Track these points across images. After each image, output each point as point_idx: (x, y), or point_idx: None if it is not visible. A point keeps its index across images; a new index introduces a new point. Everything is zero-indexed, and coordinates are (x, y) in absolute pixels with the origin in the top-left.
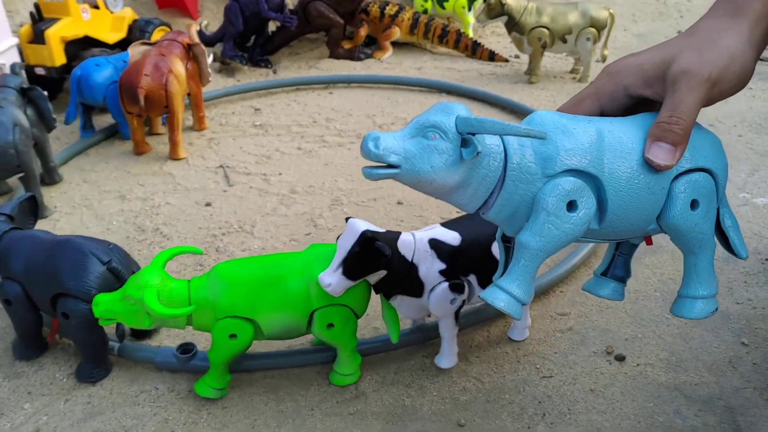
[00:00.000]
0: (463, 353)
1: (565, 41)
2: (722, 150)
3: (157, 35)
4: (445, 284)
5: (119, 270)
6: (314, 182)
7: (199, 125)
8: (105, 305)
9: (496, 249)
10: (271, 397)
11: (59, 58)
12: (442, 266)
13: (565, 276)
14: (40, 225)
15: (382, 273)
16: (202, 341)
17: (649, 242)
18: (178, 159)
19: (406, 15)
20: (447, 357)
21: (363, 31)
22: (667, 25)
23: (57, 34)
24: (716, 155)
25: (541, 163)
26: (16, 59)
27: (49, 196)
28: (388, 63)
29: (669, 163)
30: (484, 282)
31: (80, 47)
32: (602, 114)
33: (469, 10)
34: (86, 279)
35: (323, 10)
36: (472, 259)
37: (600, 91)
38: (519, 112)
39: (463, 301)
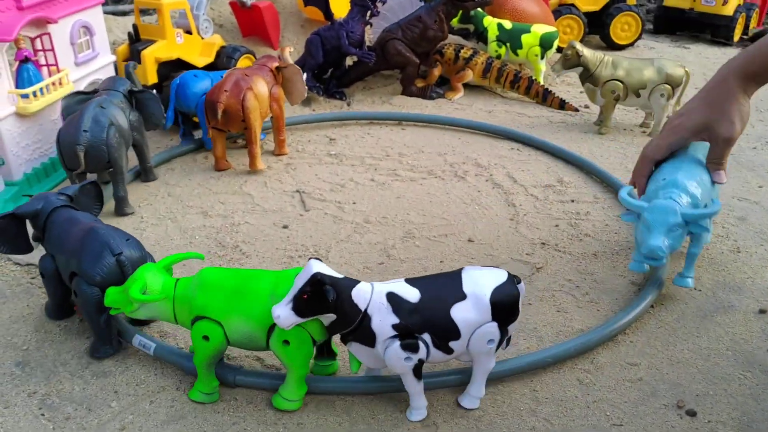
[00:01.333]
0: (532, 393)
1: (638, 95)
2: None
3: (242, 62)
4: (397, 343)
5: (124, 263)
6: (387, 214)
7: (279, 149)
8: (111, 296)
9: (455, 311)
10: (345, 418)
11: (152, 77)
12: (396, 321)
13: (633, 322)
14: (126, 222)
15: (332, 316)
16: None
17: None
18: (256, 170)
19: (480, 59)
20: (415, 411)
21: (437, 71)
22: None
23: (152, 54)
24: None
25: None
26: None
27: (137, 206)
28: (459, 104)
29: (725, 180)
30: (440, 342)
31: (171, 69)
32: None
33: (542, 58)
34: (96, 266)
35: (401, 48)
36: (428, 318)
37: (671, 144)
38: (581, 165)
39: (421, 360)
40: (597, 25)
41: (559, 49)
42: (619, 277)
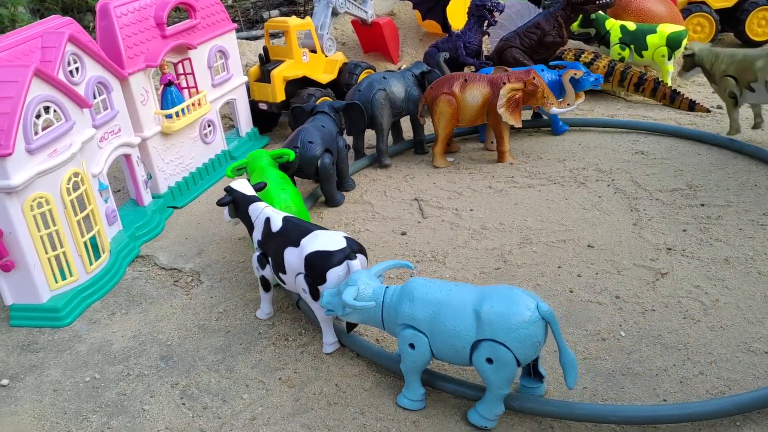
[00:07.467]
0: None
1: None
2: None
3: (362, 77)
4: (256, 254)
5: (296, 153)
6: (504, 220)
7: (498, 158)
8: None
9: (287, 252)
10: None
11: (280, 95)
12: (260, 238)
13: None
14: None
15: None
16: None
17: None
18: (437, 167)
19: (602, 63)
20: (259, 311)
21: None
22: None
23: (280, 74)
24: (510, 331)
25: (396, 318)
26: (245, 96)
27: None
28: (580, 109)
29: None
30: (276, 270)
31: (297, 86)
32: None
33: (669, 59)
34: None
35: (518, 56)
36: (272, 247)
37: None
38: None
39: (264, 277)
40: (731, 22)
41: None
42: (755, 283)
